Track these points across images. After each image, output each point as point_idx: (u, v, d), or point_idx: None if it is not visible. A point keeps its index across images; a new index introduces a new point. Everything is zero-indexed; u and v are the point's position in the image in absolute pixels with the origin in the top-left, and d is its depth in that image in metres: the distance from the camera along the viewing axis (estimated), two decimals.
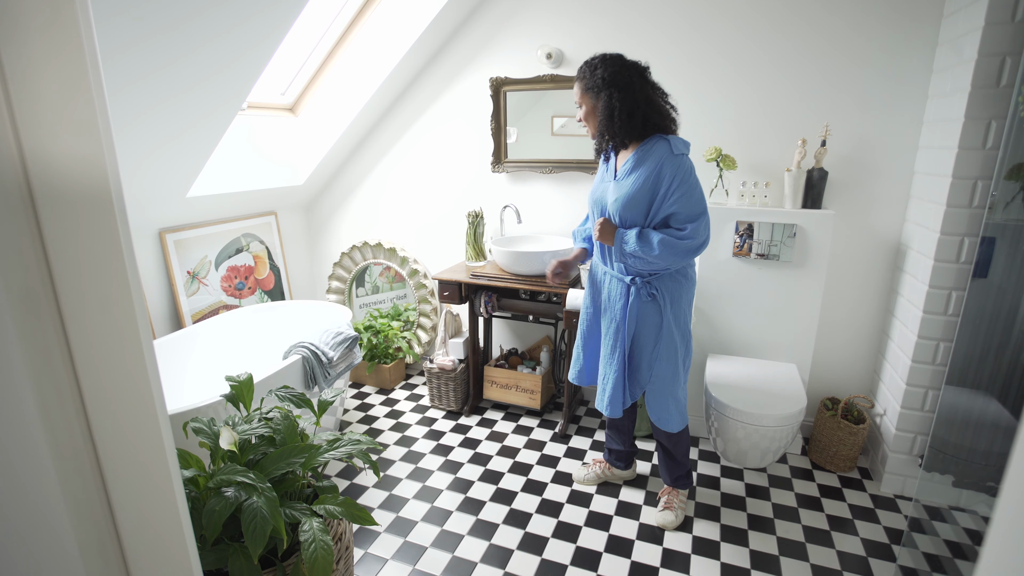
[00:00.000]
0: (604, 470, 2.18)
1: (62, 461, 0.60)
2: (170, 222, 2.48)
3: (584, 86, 1.69)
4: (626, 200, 1.67)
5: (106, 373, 0.63)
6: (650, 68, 1.69)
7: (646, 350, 1.81)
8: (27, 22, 0.52)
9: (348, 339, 2.30)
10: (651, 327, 1.78)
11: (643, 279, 1.75)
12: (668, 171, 1.62)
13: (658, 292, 1.74)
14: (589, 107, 1.70)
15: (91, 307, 0.61)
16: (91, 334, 0.61)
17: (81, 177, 0.57)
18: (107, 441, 0.64)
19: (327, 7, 2.43)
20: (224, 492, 1.15)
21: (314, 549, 1.13)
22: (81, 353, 0.61)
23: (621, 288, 1.79)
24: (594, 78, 1.64)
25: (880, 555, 1.81)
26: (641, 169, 1.66)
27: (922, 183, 2.03)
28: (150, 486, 0.69)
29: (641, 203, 1.66)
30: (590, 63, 1.67)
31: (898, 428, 2.05)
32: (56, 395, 0.59)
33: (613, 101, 1.63)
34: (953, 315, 1.88)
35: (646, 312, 1.77)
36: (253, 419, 1.40)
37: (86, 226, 0.59)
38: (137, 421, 0.66)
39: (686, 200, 1.62)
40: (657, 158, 1.64)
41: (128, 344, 0.64)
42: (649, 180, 1.64)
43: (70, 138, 0.56)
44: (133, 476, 0.67)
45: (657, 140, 1.66)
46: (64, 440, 0.60)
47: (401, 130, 2.95)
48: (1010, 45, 1.65)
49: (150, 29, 1.59)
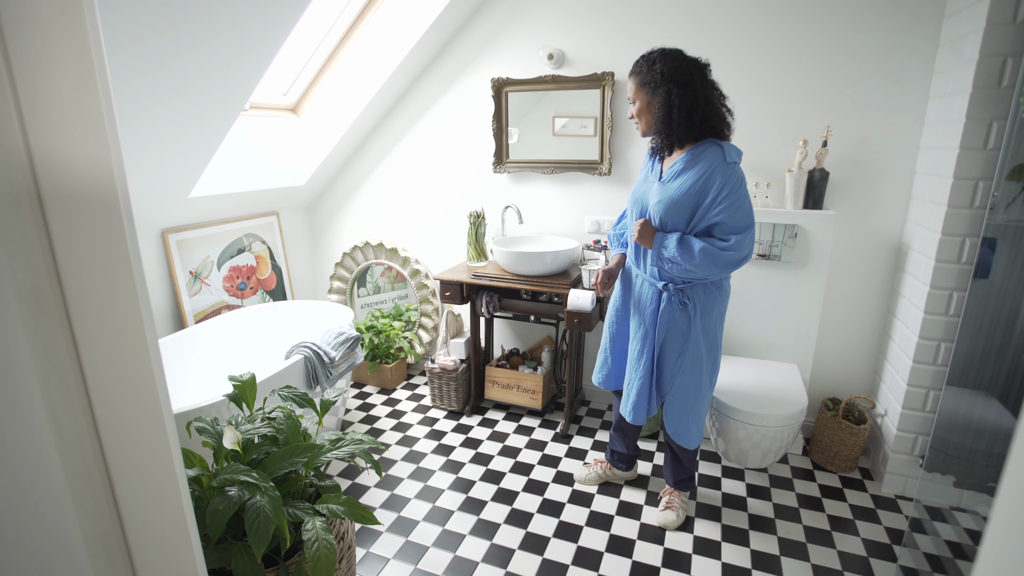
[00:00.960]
0: (605, 470, 2.18)
1: (69, 460, 0.60)
2: (172, 222, 2.49)
3: (640, 80, 1.61)
4: (670, 203, 1.61)
5: (112, 372, 0.64)
6: (710, 66, 1.62)
7: (670, 359, 1.76)
8: (36, 25, 0.52)
9: (350, 339, 2.30)
10: (678, 336, 1.73)
11: (676, 286, 1.70)
12: (718, 179, 1.56)
13: (690, 301, 1.69)
14: (644, 103, 1.63)
15: (98, 307, 0.61)
16: (97, 334, 0.62)
17: (88, 178, 0.58)
18: (113, 440, 0.65)
19: (329, 7, 2.44)
20: (227, 491, 1.15)
21: (317, 548, 1.13)
22: (88, 352, 0.61)
23: (653, 293, 1.74)
24: (652, 72, 1.58)
25: (881, 555, 1.81)
26: (690, 173, 1.60)
27: (923, 184, 2.03)
28: (155, 485, 0.69)
29: (685, 208, 1.60)
30: (648, 57, 1.60)
31: (899, 429, 2.05)
32: (63, 394, 0.60)
33: (672, 98, 1.56)
34: (954, 316, 1.88)
35: (675, 320, 1.72)
36: (256, 419, 1.41)
37: (93, 227, 0.59)
38: (143, 420, 0.67)
39: (733, 211, 1.56)
40: (708, 164, 1.57)
41: (134, 344, 0.64)
42: (696, 185, 1.58)
43: (78, 139, 0.56)
44: (139, 475, 0.68)
45: (710, 145, 1.60)
46: (71, 439, 0.61)
47: (403, 130, 2.95)
48: (1011, 46, 1.65)
49: (153, 31, 1.59)
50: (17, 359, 0.55)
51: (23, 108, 0.53)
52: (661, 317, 1.73)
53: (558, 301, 2.51)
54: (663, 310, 1.72)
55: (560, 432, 2.55)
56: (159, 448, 0.69)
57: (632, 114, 1.68)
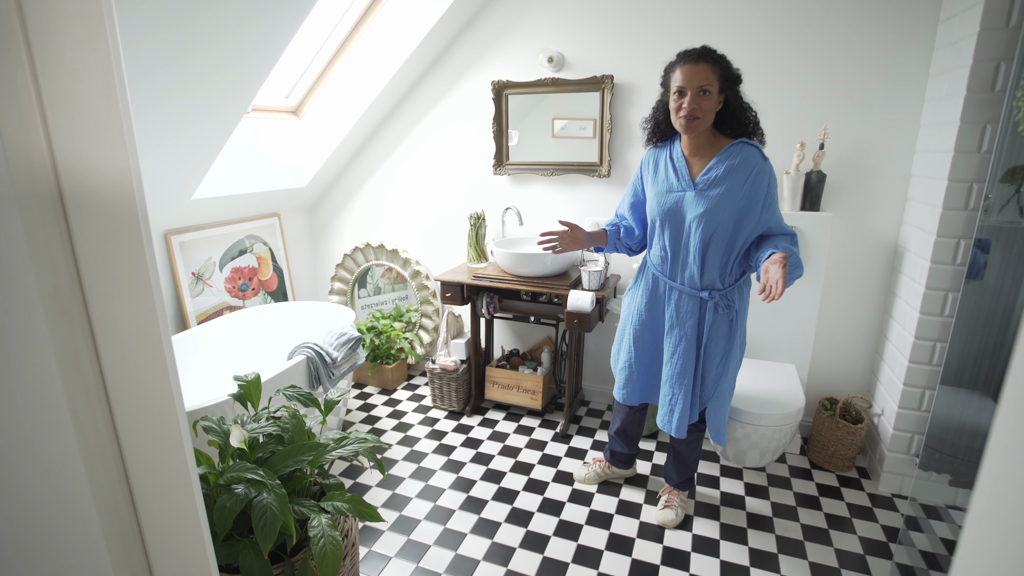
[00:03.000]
0: (604, 469, 2.20)
1: (89, 456, 0.62)
2: (175, 224, 2.51)
3: (722, 73, 1.51)
4: (715, 210, 1.54)
5: (129, 371, 0.66)
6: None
7: (713, 364, 1.73)
8: (60, 37, 0.54)
9: (351, 340, 2.32)
10: (720, 341, 1.70)
11: (720, 292, 1.65)
12: (764, 176, 1.53)
13: (733, 304, 1.67)
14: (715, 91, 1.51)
15: (116, 308, 0.63)
16: (115, 333, 0.64)
17: (108, 184, 0.60)
18: (130, 437, 0.67)
19: (331, 11, 2.46)
20: (234, 489, 1.17)
21: (323, 544, 1.15)
22: (106, 352, 0.63)
23: (694, 304, 1.68)
24: (730, 69, 1.52)
25: (877, 553, 1.83)
26: (733, 178, 1.53)
27: (919, 186, 2.05)
28: (170, 481, 0.71)
29: (731, 214, 1.55)
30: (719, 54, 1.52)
31: (895, 428, 2.08)
32: (84, 392, 0.62)
33: (741, 99, 1.56)
34: (949, 316, 1.91)
35: (719, 326, 1.68)
36: (261, 418, 1.43)
37: (112, 231, 0.61)
38: (158, 417, 0.69)
39: (775, 211, 1.57)
40: (750, 165, 1.53)
41: (150, 344, 0.66)
42: (744, 188, 1.52)
43: (99, 147, 0.58)
44: (154, 471, 0.70)
45: (742, 146, 1.56)
46: (91, 436, 0.63)
47: (403, 133, 2.97)
48: (1005, 50, 1.67)
49: (158, 33, 1.61)
50: (42, 358, 0.57)
51: (48, 117, 0.55)
52: (709, 326, 1.68)
53: (558, 302, 2.54)
54: (708, 319, 1.68)
55: (560, 432, 2.58)
56: (173, 445, 0.71)
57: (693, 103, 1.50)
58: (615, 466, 2.19)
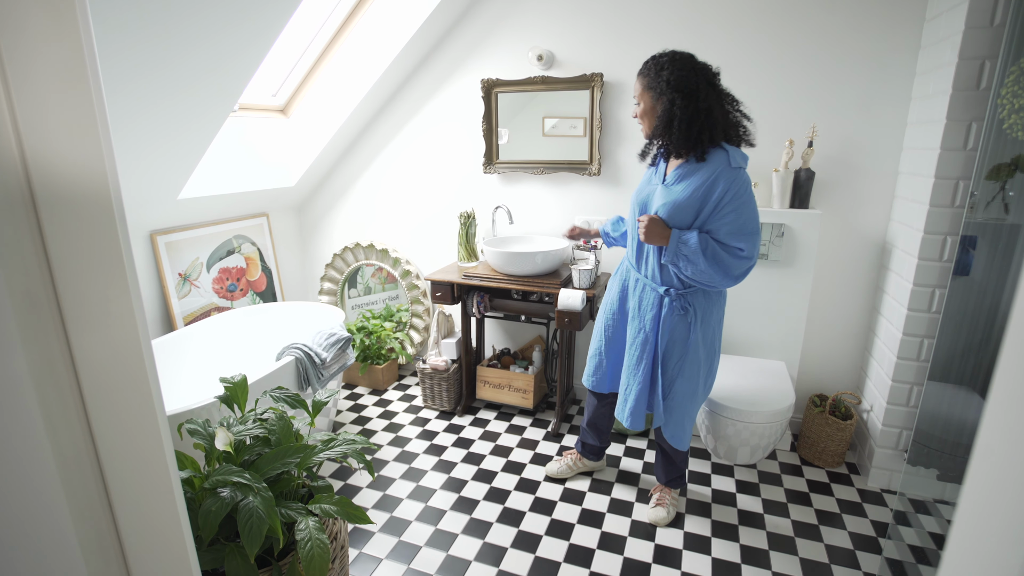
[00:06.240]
0: (575, 461, 2.21)
1: (64, 461, 0.60)
2: (161, 224, 2.47)
3: (646, 84, 1.59)
4: (672, 207, 1.59)
5: (106, 374, 0.64)
6: (720, 74, 1.59)
7: (669, 364, 1.75)
8: (28, 29, 0.53)
9: (341, 340, 2.30)
10: (678, 342, 1.72)
11: (677, 291, 1.68)
12: (722, 183, 1.53)
13: (690, 307, 1.68)
14: (647, 106, 1.61)
15: (91, 309, 0.62)
16: (91, 335, 0.62)
17: (82, 180, 0.58)
18: (108, 441, 0.65)
19: (318, 8, 2.44)
20: (220, 492, 1.15)
21: (310, 548, 1.14)
22: (82, 354, 0.62)
23: (654, 298, 1.72)
24: (658, 79, 1.55)
25: (867, 548, 1.84)
26: (694, 177, 1.58)
27: (906, 183, 2.07)
28: (150, 486, 0.70)
29: (688, 212, 1.58)
30: (658, 60, 1.57)
31: (884, 423, 2.09)
32: (58, 396, 0.60)
33: (674, 108, 1.53)
34: (937, 312, 1.92)
35: (676, 326, 1.70)
36: (248, 420, 1.41)
37: (87, 229, 0.60)
38: (137, 422, 0.67)
39: (736, 216, 1.54)
40: (712, 168, 1.55)
41: (128, 346, 0.65)
42: (700, 189, 1.56)
43: (71, 142, 0.57)
44: (133, 476, 0.68)
45: (716, 149, 1.57)
46: (66, 440, 0.61)
47: (393, 132, 2.95)
48: (989, 49, 1.69)
49: (141, 32, 1.59)
50: (12, 361, 0.55)
51: (16, 110, 0.53)
52: (663, 323, 1.71)
53: (549, 301, 2.53)
54: (664, 316, 1.70)
55: (551, 431, 2.57)
56: (153, 449, 0.69)
57: (636, 114, 1.66)
58: (586, 458, 2.21)
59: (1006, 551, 0.48)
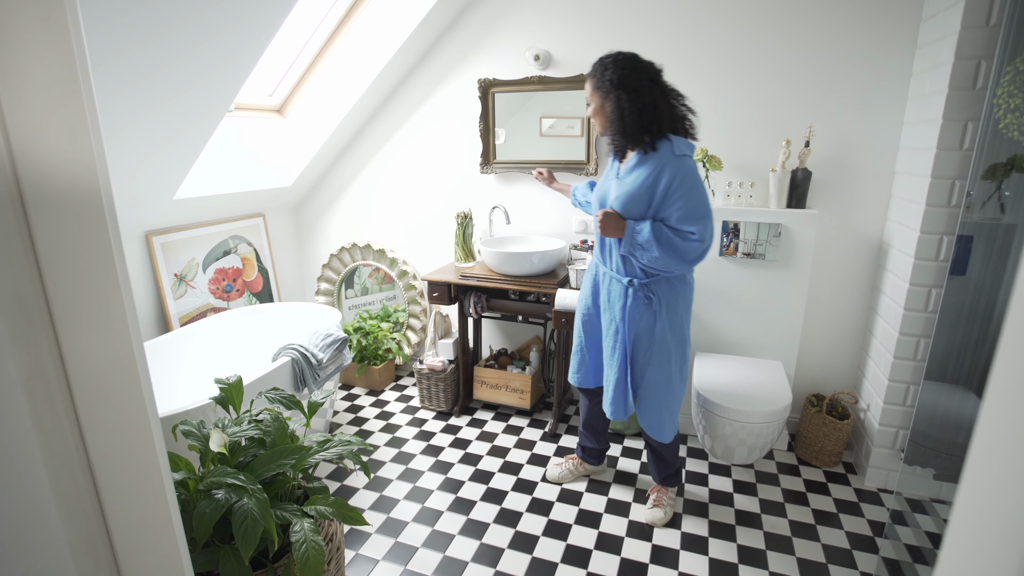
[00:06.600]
0: (576, 466, 2.20)
1: (53, 464, 0.60)
2: (157, 224, 2.46)
3: (593, 84, 1.68)
4: (626, 198, 1.67)
5: (97, 375, 0.63)
6: (663, 71, 1.66)
7: (639, 353, 1.80)
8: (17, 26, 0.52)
9: (337, 341, 2.30)
10: (645, 331, 1.77)
11: (640, 281, 1.74)
12: (668, 172, 1.61)
13: (654, 296, 1.73)
14: (597, 105, 1.69)
15: (82, 310, 0.61)
16: (82, 337, 0.62)
17: (71, 180, 0.57)
18: (99, 445, 0.64)
19: (315, 8, 2.43)
20: (214, 494, 1.15)
21: (305, 550, 1.13)
22: (72, 355, 0.61)
23: (620, 289, 1.78)
24: (604, 78, 1.63)
25: (864, 547, 1.84)
26: (642, 168, 1.66)
27: (903, 183, 2.07)
28: (142, 489, 0.69)
29: (640, 202, 1.66)
30: (602, 61, 1.65)
31: (881, 423, 2.09)
32: (47, 398, 0.59)
33: (621, 104, 1.61)
34: (933, 312, 1.92)
35: (642, 315, 1.76)
36: (243, 421, 1.40)
37: (76, 229, 0.59)
38: (128, 423, 0.66)
39: (685, 201, 1.60)
40: (659, 158, 1.63)
41: (119, 347, 0.64)
42: (648, 180, 1.63)
43: (60, 141, 0.56)
44: (124, 479, 0.67)
45: (663, 140, 1.65)
46: (56, 443, 0.60)
47: (390, 132, 2.95)
48: (985, 49, 1.69)
49: (138, 30, 1.58)
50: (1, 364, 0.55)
51: (4, 109, 0.53)
52: (629, 313, 1.76)
53: (546, 301, 2.53)
54: (630, 306, 1.76)
55: (549, 431, 2.57)
56: (145, 451, 0.68)
57: (589, 114, 1.74)
58: (587, 462, 2.20)
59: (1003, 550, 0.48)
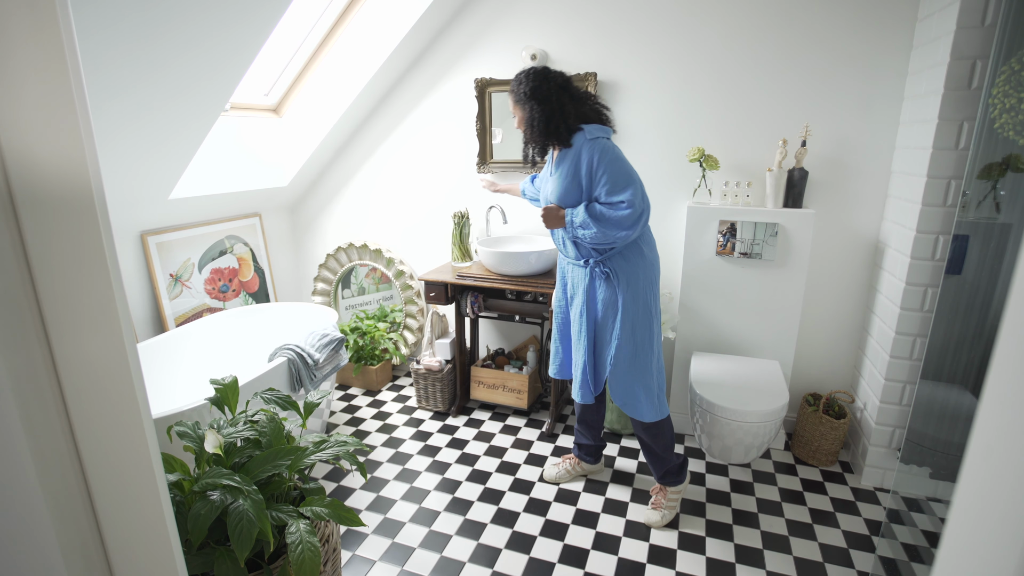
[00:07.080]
0: (573, 465, 2.20)
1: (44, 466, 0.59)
2: (152, 224, 2.45)
3: (513, 99, 1.85)
4: (561, 191, 1.81)
5: (90, 378, 0.63)
6: (571, 79, 1.83)
7: (605, 331, 1.85)
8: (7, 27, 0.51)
9: (334, 341, 2.29)
10: (609, 306, 1.83)
11: (595, 259, 1.82)
12: (586, 155, 1.73)
13: (611, 271, 1.80)
14: (519, 116, 1.87)
15: (74, 311, 0.60)
16: (74, 339, 0.61)
17: (62, 179, 0.57)
18: (91, 446, 0.64)
19: (311, 7, 2.42)
20: (210, 495, 1.14)
21: (301, 551, 1.12)
22: (63, 356, 0.60)
23: (581, 272, 1.87)
24: (518, 92, 1.81)
25: (861, 546, 1.85)
26: (566, 160, 1.79)
27: (899, 182, 2.07)
28: (135, 491, 0.68)
29: (573, 190, 1.78)
30: (518, 77, 1.82)
31: (877, 422, 2.09)
32: (38, 400, 0.59)
33: (533, 112, 1.78)
34: (929, 311, 1.93)
35: (604, 291, 1.83)
36: (238, 422, 1.40)
37: (67, 228, 0.58)
38: (121, 425, 0.66)
39: (609, 175, 1.70)
40: (576, 146, 1.77)
41: (112, 348, 0.63)
42: (571, 168, 1.77)
43: (50, 140, 0.55)
44: (117, 481, 0.67)
45: (576, 133, 1.79)
46: (46, 445, 0.60)
47: (386, 131, 2.94)
48: (980, 49, 1.69)
49: (135, 31, 1.57)
50: None
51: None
52: (592, 292, 1.85)
53: (543, 301, 2.52)
54: (592, 285, 1.85)
55: (546, 431, 2.56)
56: (138, 453, 0.68)
57: (516, 125, 1.90)
58: (584, 460, 2.20)
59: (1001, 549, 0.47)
